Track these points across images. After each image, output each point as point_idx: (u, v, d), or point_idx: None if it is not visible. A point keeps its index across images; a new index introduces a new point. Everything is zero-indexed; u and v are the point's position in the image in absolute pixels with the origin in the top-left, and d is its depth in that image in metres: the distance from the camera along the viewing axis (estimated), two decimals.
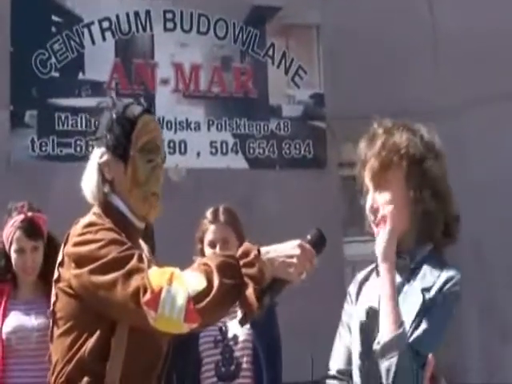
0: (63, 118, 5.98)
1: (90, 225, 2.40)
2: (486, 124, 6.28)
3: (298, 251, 2.23)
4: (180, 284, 2.19)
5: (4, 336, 3.84)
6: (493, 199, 6.10)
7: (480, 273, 5.95)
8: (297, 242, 2.25)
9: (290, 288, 2.26)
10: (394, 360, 2.14)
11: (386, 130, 2.38)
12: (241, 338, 3.46)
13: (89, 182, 2.51)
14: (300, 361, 5.04)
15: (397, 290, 2.27)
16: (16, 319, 3.90)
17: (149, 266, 2.26)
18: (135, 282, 2.21)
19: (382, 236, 2.26)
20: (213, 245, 3.54)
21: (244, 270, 2.21)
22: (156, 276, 2.21)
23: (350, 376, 2.35)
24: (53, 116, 5.97)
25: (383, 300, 2.22)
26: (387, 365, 2.15)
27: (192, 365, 3.41)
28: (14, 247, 3.95)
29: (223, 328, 3.48)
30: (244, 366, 3.43)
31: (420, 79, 6.60)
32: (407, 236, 2.34)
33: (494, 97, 6.26)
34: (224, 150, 6.39)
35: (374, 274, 2.40)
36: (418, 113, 6.25)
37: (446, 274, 2.27)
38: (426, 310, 2.22)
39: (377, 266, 2.34)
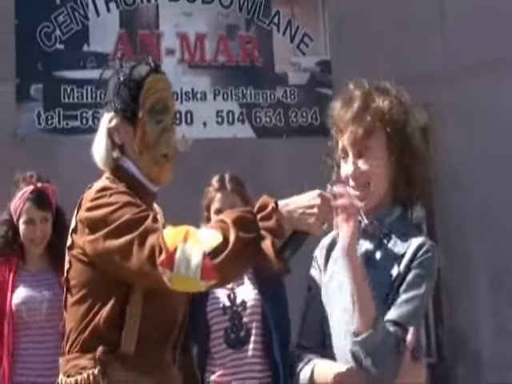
0: (69, 90, 5.96)
1: (104, 189, 2.39)
2: (492, 90, 6.23)
3: (318, 201, 2.17)
4: (195, 242, 2.16)
5: (14, 308, 3.86)
6: (499, 165, 6.07)
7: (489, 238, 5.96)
8: (317, 191, 2.19)
9: (300, 253, 2.23)
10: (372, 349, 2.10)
11: (365, 93, 2.31)
12: (249, 304, 3.46)
13: (99, 148, 2.50)
14: None
15: (367, 258, 2.25)
16: (25, 291, 3.92)
17: (163, 227, 2.24)
18: (150, 242, 2.19)
19: (346, 231, 2.16)
20: (219, 212, 3.48)
21: (261, 224, 2.17)
22: (171, 235, 2.19)
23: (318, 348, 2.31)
24: (58, 89, 5.95)
25: (355, 294, 2.15)
26: (367, 357, 2.11)
27: (200, 333, 3.41)
28: (23, 218, 3.96)
29: (231, 295, 3.48)
30: (253, 331, 3.44)
31: (426, 45, 6.55)
32: (383, 200, 2.31)
33: (502, 62, 6.21)
34: (230, 120, 6.36)
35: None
36: (425, 78, 6.27)
37: (416, 241, 2.24)
38: (402, 280, 2.20)
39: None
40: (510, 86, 6.17)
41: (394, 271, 2.22)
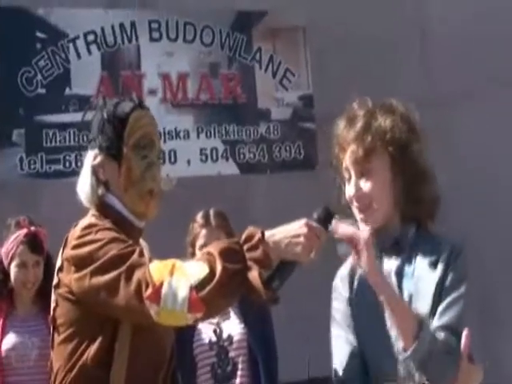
0: (51, 134, 5.93)
1: (90, 226, 2.37)
2: (475, 116, 6.27)
3: (304, 230, 2.15)
4: (181, 275, 2.14)
5: (3, 354, 3.83)
6: (481, 193, 6.09)
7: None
8: (303, 220, 2.18)
9: (286, 287, 2.21)
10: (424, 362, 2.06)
11: (368, 112, 2.29)
12: (235, 338, 3.45)
13: (84, 186, 2.49)
14: (296, 359, 5.01)
15: (401, 274, 2.23)
16: (15, 337, 3.89)
17: (150, 261, 2.22)
18: (136, 277, 2.17)
19: (363, 261, 2.13)
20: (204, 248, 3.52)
21: (248, 254, 2.15)
22: (157, 269, 2.17)
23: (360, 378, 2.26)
24: (40, 133, 5.93)
25: (391, 313, 2.12)
26: (420, 371, 2.08)
27: (187, 368, 3.38)
28: (15, 262, 3.94)
29: (217, 330, 3.47)
30: (240, 365, 3.42)
31: (408, 79, 6.59)
32: (392, 220, 2.28)
33: (482, 91, 6.26)
34: (214, 157, 6.36)
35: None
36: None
37: (446, 245, 2.22)
38: (442, 286, 2.17)
39: None
40: (490, 112, 6.21)
41: (432, 279, 2.18)
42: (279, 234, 2.18)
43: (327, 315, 2.47)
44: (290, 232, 2.17)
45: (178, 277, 2.14)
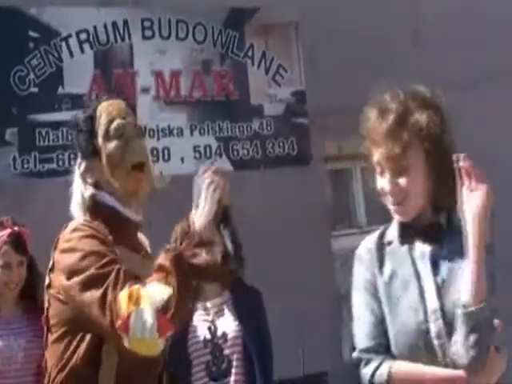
0: (44, 133, 5.93)
1: (76, 230, 2.40)
2: (467, 114, 6.28)
3: (206, 182, 2.39)
4: (147, 303, 2.19)
5: None
6: None
7: None
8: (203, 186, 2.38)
9: (280, 284, 2.23)
10: (480, 331, 2.10)
11: (401, 105, 2.26)
12: (230, 336, 3.45)
13: (76, 197, 2.51)
14: (291, 356, 5.02)
15: (432, 261, 2.27)
16: (0, 340, 3.85)
17: (125, 280, 2.25)
18: (109, 307, 2.23)
19: (481, 193, 2.17)
20: None
21: (189, 252, 2.27)
22: (124, 300, 2.22)
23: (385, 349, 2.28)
24: (33, 132, 5.93)
25: (475, 262, 2.13)
26: (471, 334, 2.11)
27: (182, 366, 3.38)
28: None
29: (212, 327, 3.46)
30: (235, 363, 3.42)
31: (400, 74, 6.59)
32: (424, 210, 2.31)
33: (474, 86, 6.27)
34: (208, 154, 6.37)
35: (394, 244, 2.35)
36: None
37: None
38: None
39: (381, 236, 2.36)
40: (482, 109, 6.22)
41: (463, 266, 2.21)
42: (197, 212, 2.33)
43: (321, 312, 2.48)
44: (201, 203, 2.35)
45: (144, 305, 2.19)
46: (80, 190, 2.50)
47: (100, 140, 2.47)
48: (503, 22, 6.92)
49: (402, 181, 2.25)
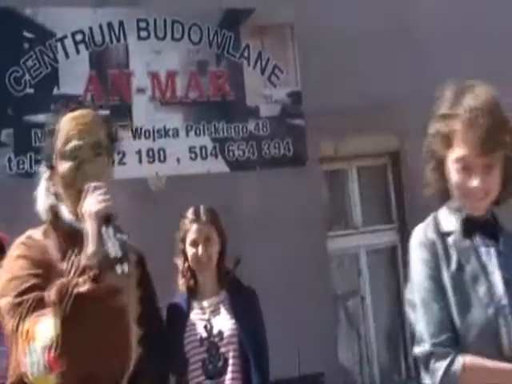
0: (39, 134, 5.92)
1: (18, 246, 2.46)
2: None
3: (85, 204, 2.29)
4: (36, 341, 2.23)
5: None
6: None
7: None
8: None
9: (277, 284, 2.22)
10: None
11: (490, 114, 2.34)
12: (226, 334, 3.45)
13: (40, 202, 2.53)
14: (287, 356, 5.02)
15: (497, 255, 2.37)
16: None
17: (34, 310, 2.27)
18: (15, 344, 2.30)
19: None
20: (195, 244, 3.53)
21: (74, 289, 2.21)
22: (21, 341, 2.27)
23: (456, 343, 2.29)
24: (29, 133, 5.94)
25: None
26: None
27: (178, 364, 3.38)
28: None
29: (208, 325, 3.47)
30: (231, 361, 3.42)
31: (395, 75, 6.61)
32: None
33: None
34: (204, 155, 6.38)
35: (455, 236, 2.40)
36: (393, 108, 6.32)
37: None
38: None
39: (437, 227, 2.40)
40: None
41: None
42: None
43: (317, 313, 2.49)
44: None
45: (34, 345, 2.23)
46: (44, 196, 2.52)
47: (56, 156, 2.48)
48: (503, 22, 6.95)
49: (489, 178, 2.36)
